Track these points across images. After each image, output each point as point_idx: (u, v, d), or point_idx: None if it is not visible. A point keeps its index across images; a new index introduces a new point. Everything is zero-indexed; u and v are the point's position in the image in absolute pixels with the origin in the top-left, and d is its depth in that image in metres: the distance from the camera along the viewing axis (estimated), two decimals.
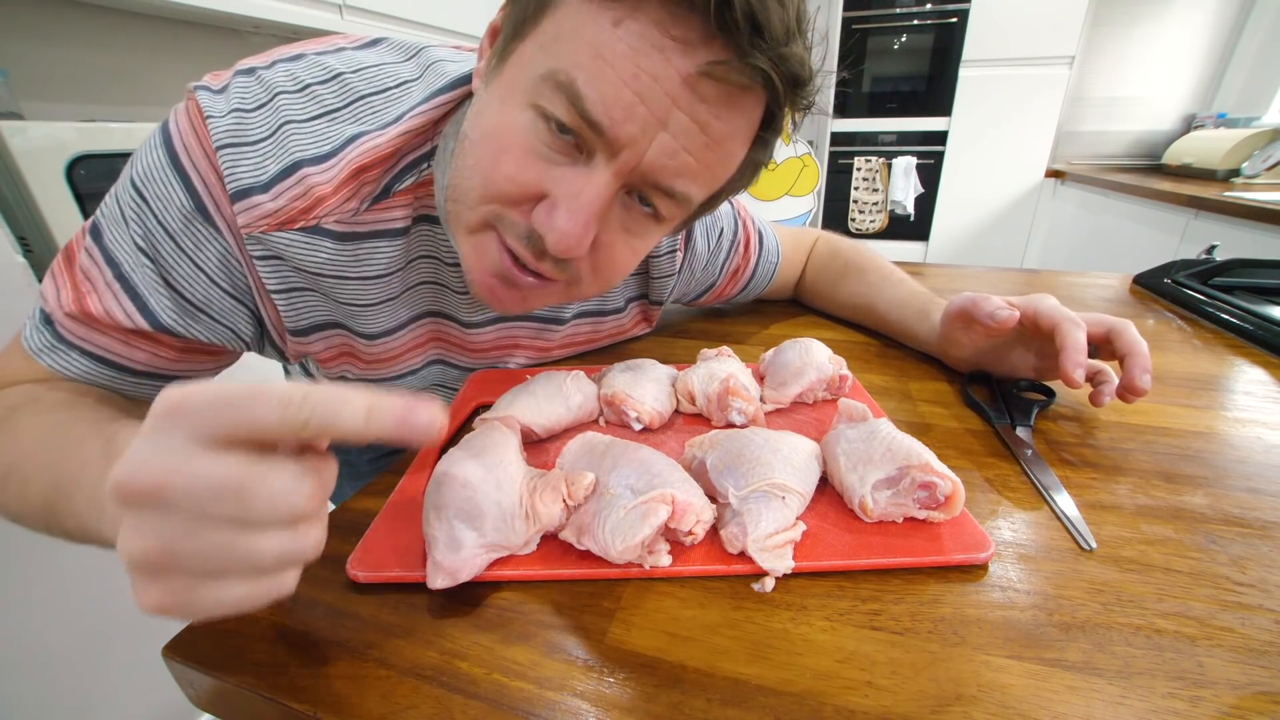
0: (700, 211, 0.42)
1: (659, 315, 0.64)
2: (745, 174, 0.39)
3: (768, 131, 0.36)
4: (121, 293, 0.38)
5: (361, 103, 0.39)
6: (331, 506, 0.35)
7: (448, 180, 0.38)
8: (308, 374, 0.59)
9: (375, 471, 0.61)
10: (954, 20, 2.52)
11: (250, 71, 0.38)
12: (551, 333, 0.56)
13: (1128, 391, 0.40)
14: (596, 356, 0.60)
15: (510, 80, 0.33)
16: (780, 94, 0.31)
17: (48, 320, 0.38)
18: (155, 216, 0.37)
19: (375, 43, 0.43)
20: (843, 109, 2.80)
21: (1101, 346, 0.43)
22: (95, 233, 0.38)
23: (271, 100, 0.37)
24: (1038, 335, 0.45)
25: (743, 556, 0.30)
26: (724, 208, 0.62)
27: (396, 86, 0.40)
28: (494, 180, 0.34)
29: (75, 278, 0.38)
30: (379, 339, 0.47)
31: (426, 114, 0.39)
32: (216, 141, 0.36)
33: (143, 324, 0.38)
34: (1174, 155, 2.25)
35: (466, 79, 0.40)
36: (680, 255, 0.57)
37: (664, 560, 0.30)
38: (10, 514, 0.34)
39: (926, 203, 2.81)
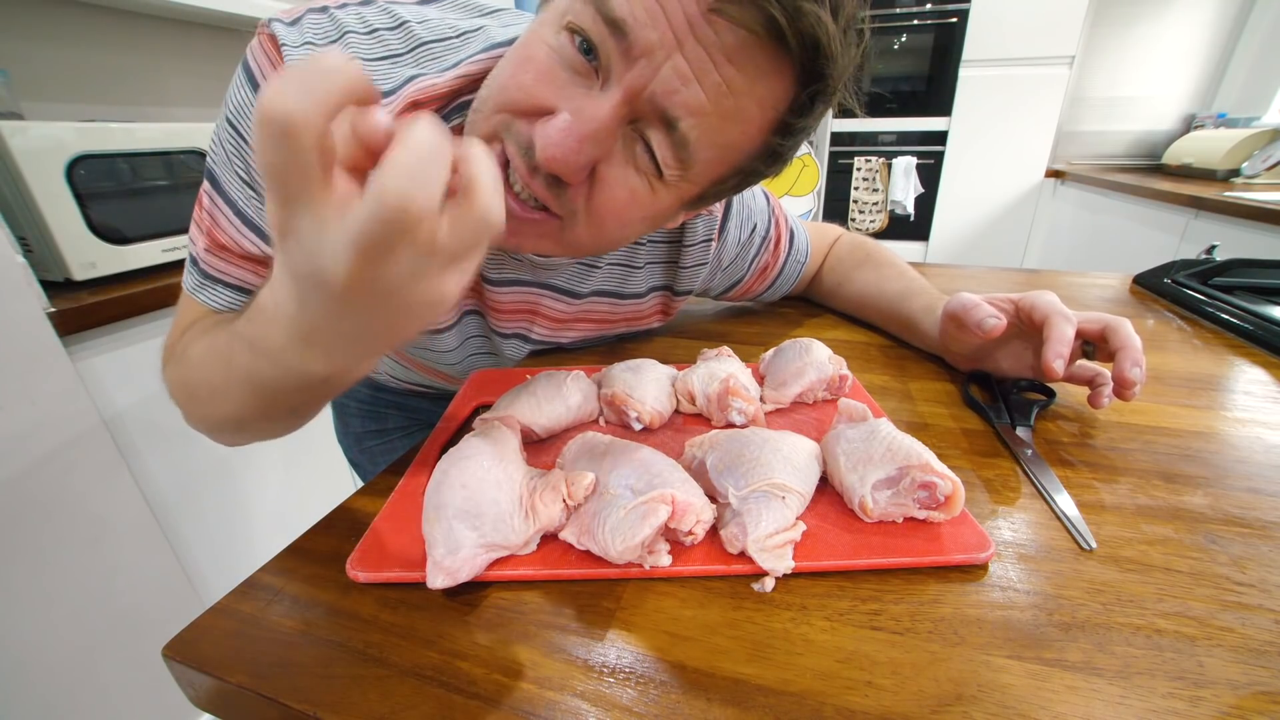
0: (715, 190, 0.40)
1: (679, 309, 0.63)
2: (765, 160, 0.38)
3: (794, 116, 0.35)
4: (243, 226, 0.41)
5: (422, 49, 0.41)
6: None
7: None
8: None
9: (376, 471, 0.61)
10: (954, 20, 2.52)
11: (323, 10, 0.40)
12: (567, 305, 0.56)
13: (1118, 385, 0.40)
14: (597, 356, 0.60)
15: (554, 7, 0.34)
16: (794, 55, 0.31)
17: (194, 262, 0.43)
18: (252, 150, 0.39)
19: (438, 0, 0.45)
20: (843, 109, 2.79)
21: (1099, 345, 0.43)
22: (211, 177, 0.41)
23: (341, 38, 0.40)
24: (1035, 331, 0.45)
25: (743, 556, 0.30)
26: (759, 203, 0.62)
27: (456, 36, 0.42)
28: (509, 88, 0.34)
29: (204, 221, 0.42)
30: None
31: (481, 63, 0.40)
32: None
33: (268, 250, 0.41)
34: (1174, 155, 2.25)
35: None
36: (714, 245, 0.57)
37: (664, 560, 0.30)
38: (220, 417, 0.37)
39: (926, 203, 2.81)
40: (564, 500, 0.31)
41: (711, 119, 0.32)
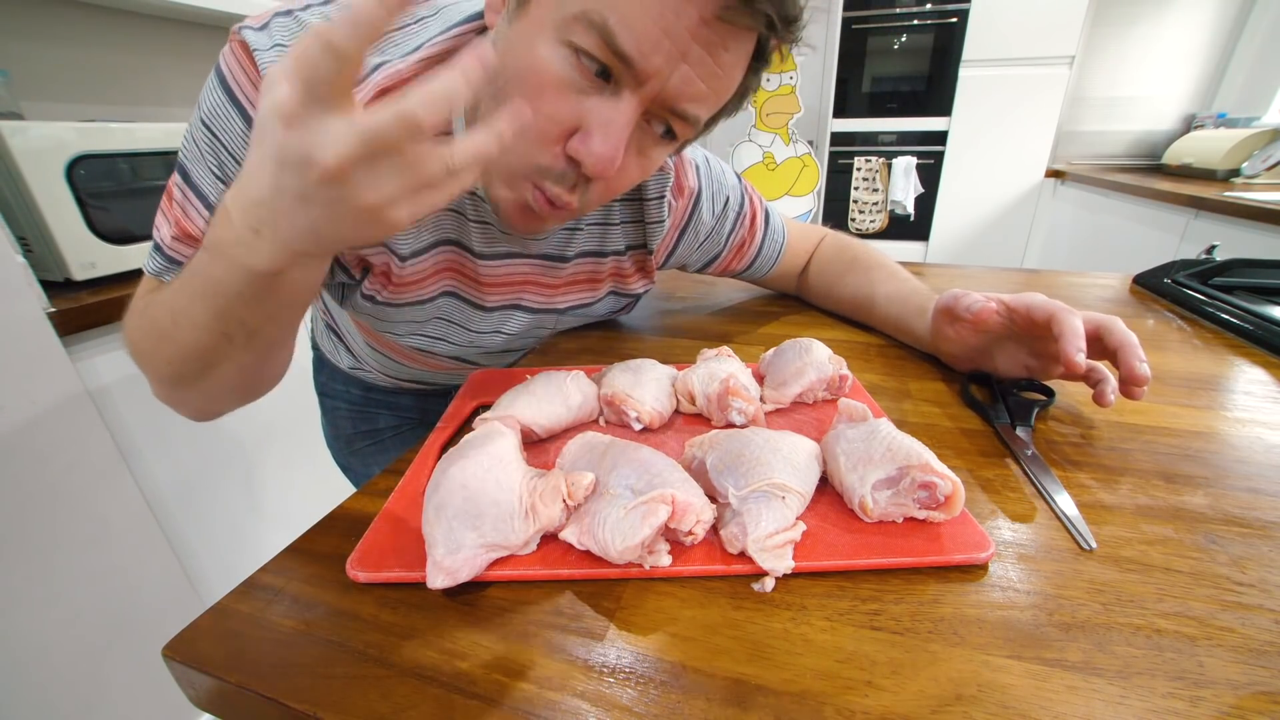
0: (699, 134, 0.45)
1: (654, 269, 0.64)
2: (736, 101, 0.43)
3: (759, 61, 0.40)
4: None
5: (382, 37, 0.42)
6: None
7: (480, 117, 0.40)
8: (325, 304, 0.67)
9: (375, 471, 0.61)
10: (954, 20, 2.52)
11: (288, 13, 0.42)
12: (557, 271, 0.57)
13: (1129, 383, 0.40)
14: (597, 356, 0.60)
15: (538, 19, 0.35)
16: (778, 31, 0.36)
17: (158, 248, 0.44)
18: (226, 149, 0.41)
19: None
20: (843, 109, 2.80)
21: (1092, 345, 0.43)
22: (182, 171, 0.42)
23: None
24: (1030, 331, 0.45)
25: (743, 556, 0.30)
26: (729, 180, 0.64)
27: (415, 22, 0.44)
28: (537, 121, 0.36)
29: (173, 211, 0.43)
30: (408, 260, 0.49)
31: (443, 44, 0.42)
32: (264, 72, 0.39)
33: None
34: (1174, 155, 2.25)
35: (481, 14, 0.43)
36: (671, 201, 0.58)
37: (664, 560, 0.30)
38: (181, 348, 0.38)
39: (926, 203, 2.81)
40: (564, 500, 0.31)
41: (711, 99, 0.38)
